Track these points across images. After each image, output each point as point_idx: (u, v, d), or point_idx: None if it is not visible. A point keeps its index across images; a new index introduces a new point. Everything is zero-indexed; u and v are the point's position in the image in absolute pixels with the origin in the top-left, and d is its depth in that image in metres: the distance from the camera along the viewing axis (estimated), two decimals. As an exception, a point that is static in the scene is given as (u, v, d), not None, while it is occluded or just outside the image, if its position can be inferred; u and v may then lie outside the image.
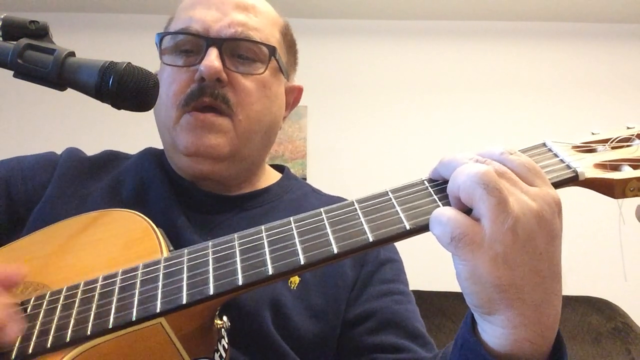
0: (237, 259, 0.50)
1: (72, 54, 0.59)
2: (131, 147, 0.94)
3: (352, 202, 0.51)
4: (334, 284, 0.76)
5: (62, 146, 0.90)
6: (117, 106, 0.59)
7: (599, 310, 2.02)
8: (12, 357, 0.49)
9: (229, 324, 0.58)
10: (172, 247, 0.58)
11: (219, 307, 0.57)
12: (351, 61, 2.65)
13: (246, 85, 0.78)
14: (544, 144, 0.54)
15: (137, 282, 0.51)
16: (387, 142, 2.56)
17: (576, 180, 0.49)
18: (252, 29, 0.79)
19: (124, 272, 0.54)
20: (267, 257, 0.49)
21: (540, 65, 2.64)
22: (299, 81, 0.94)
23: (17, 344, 0.50)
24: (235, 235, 0.53)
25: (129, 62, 0.59)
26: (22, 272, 0.53)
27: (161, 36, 0.81)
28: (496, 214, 0.43)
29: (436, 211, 0.46)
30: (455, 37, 2.67)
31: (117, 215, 0.66)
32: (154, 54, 0.83)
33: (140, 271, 0.53)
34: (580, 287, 2.05)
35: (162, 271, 0.52)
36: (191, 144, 0.76)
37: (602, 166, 0.50)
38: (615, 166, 0.49)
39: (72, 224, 0.68)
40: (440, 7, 2.58)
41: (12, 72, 0.58)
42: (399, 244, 0.87)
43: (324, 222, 0.50)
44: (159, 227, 0.61)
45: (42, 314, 0.53)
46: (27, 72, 0.57)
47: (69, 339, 0.49)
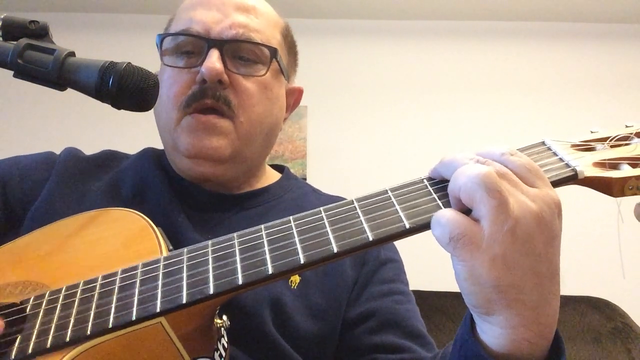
0: (237, 258, 0.50)
1: (72, 54, 0.59)
2: (131, 147, 0.94)
3: (352, 200, 0.51)
4: (334, 284, 0.76)
5: (62, 146, 0.90)
6: (117, 106, 0.59)
7: (599, 310, 2.02)
8: (12, 357, 0.49)
9: (229, 323, 0.58)
10: (171, 247, 0.58)
11: (219, 307, 0.56)
12: (351, 61, 2.65)
13: (247, 86, 0.78)
14: (543, 142, 0.54)
15: (136, 282, 0.51)
16: (387, 142, 2.56)
17: (575, 178, 0.49)
18: (253, 31, 0.79)
19: (124, 271, 0.53)
20: (267, 257, 0.49)
21: (540, 65, 2.64)
22: (299, 81, 0.94)
23: (16, 344, 0.50)
24: (234, 234, 0.53)
25: (129, 62, 0.59)
26: None
27: (162, 37, 0.81)
28: (496, 215, 0.43)
29: (436, 213, 0.46)
30: (455, 37, 2.67)
31: (116, 214, 0.66)
32: (154, 54, 0.83)
33: (139, 270, 0.53)
34: (580, 287, 2.04)
35: (161, 270, 0.52)
36: (192, 146, 0.76)
37: (601, 165, 0.50)
38: (614, 165, 0.49)
39: (71, 223, 0.68)
40: (440, 7, 2.58)
41: (12, 72, 0.58)
42: (399, 244, 0.87)
43: (323, 221, 0.50)
44: (158, 226, 0.61)
45: (41, 314, 0.53)
46: (27, 72, 0.57)
47: (68, 339, 0.49)
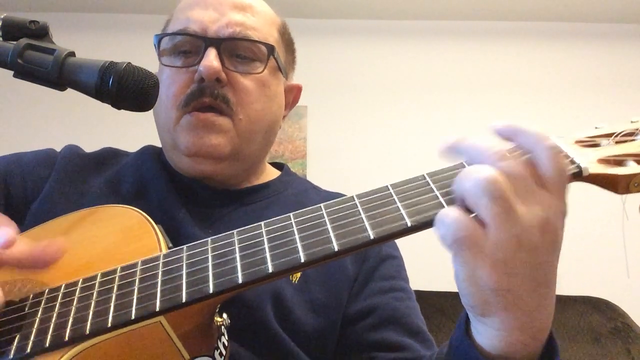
0: (237, 256, 0.49)
1: (72, 54, 0.59)
2: (131, 147, 0.94)
3: (352, 197, 0.50)
4: (335, 279, 0.77)
5: (62, 146, 0.90)
6: (117, 106, 0.59)
7: (599, 310, 2.02)
8: (11, 356, 0.49)
9: (229, 321, 0.57)
10: (170, 244, 0.58)
11: (219, 305, 0.56)
12: (351, 61, 2.65)
13: (246, 84, 0.78)
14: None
15: (135, 280, 0.51)
16: (387, 142, 2.56)
17: (580, 175, 0.48)
18: (250, 29, 0.79)
19: (123, 268, 0.53)
20: (267, 255, 0.48)
21: (540, 65, 2.64)
22: (299, 81, 0.94)
23: (15, 343, 0.50)
24: (234, 231, 0.52)
25: (129, 62, 0.59)
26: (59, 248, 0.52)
27: (159, 37, 0.81)
28: (501, 222, 0.42)
29: (441, 212, 0.45)
30: (455, 37, 2.67)
31: (116, 211, 0.66)
32: (154, 54, 0.83)
33: (139, 268, 0.52)
34: (580, 287, 2.04)
35: (161, 268, 0.51)
36: (192, 144, 0.76)
37: (606, 161, 0.48)
38: (619, 161, 0.48)
39: (70, 220, 0.68)
40: (440, 7, 2.58)
41: (12, 72, 0.58)
42: (400, 243, 0.87)
43: (324, 218, 0.49)
44: (158, 222, 0.60)
45: (40, 312, 0.52)
46: (27, 72, 0.57)
47: (67, 338, 0.48)
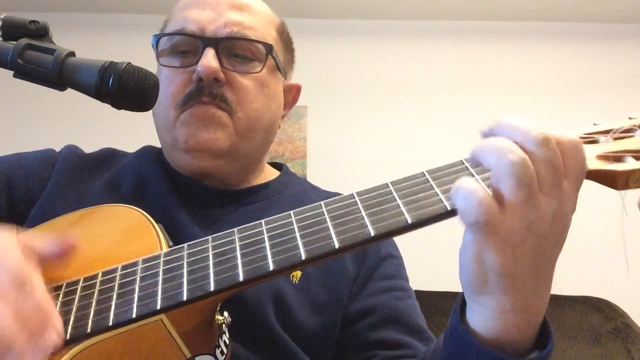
0: (238, 254, 0.50)
1: (72, 54, 0.59)
2: (131, 147, 0.94)
3: (352, 194, 0.50)
4: (335, 278, 0.77)
5: (62, 146, 0.90)
6: (117, 106, 0.60)
7: (599, 310, 2.02)
8: None
9: (230, 319, 0.58)
10: (171, 242, 0.58)
11: (220, 303, 0.56)
12: (351, 61, 2.65)
13: (244, 83, 0.78)
14: None
15: (136, 278, 0.51)
16: (387, 142, 2.56)
17: None
18: (248, 28, 0.79)
19: (124, 267, 0.53)
20: (268, 252, 0.48)
21: (540, 65, 2.64)
22: (299, 81, 0.94)
23: None
24: (235, 229, 0.52)
25: (129, 62, 0.59)
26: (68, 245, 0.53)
27: (157, 38, 0.81)
28: (521, 208, 0.43)
29: (467, 184, 0.44)
30: (455, 37, 2.67)
31: (116, 210, 0.66)
32: (154, 54, 0.83)
33: (139, 267, 0.52)
34: (580, 287, 2.04)
35: (161, 267, 0.51)
36: (190, 137, 0.76)
37: (604, 157, 0.49)
38: (618, 157, 0.49)
39: (70, 219, 0.68)
40: (440, 7, 2.58)
41: (12, 72, 0.58)
42: (399, 244, 0.87)
43: (324, 216, 0.49)
44: (158, 222, 0.61)
45: None
46: (27, 72, 0.57)
47: (68, 337, 0.48)
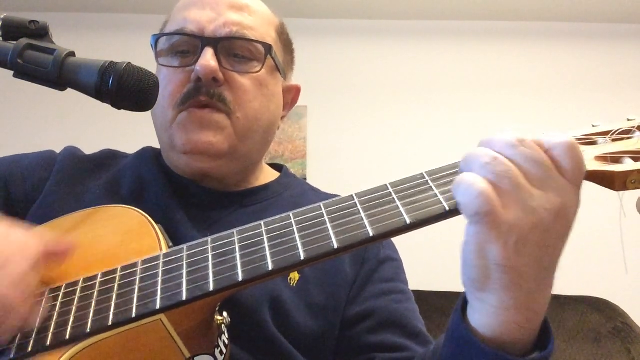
0: (237, 254, 0.50)
1: (72, 54, 0.60)
2: (131, 147, 0.94)
3: (352, 196, 0.51)
4: (333, 281, 0.77)
5: (62, 146, 0.90)
6: (117, 106, 0.60)
7: (599, 310, 2.02)
8: (12, 355, 0.50)
9: (229, 319, 0.58)
10: (171, 243, 0.58)
11: (219, 303, 0.57)
12: (351, 61, 2.65)
13: (243, 83, 0.78)
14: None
15: (136, 279, 0.51)
16: (387, 142, 2.56)
17: None
18: (247, 28, 0.79)
19: (123, 268, 0.53)
20: (267, 253, 0.49)
21: (540, 65, 2.64)
22: (299, 81, 0.94)
23: (16, 342, 0.51)
24: (234, 230, 0.53)
25: (129, 62, 0.59)
26: (69, 247, 0.53)
27: (156, 38, 0.81)
28: (516, 200, 0.43)
29: (468, 178, 0.45)
30: (455, 37, 2.67)
31: (116, 211, 0.66)
32: (154, 55, 0.83)
33: (139, 267, 0.53)
34: (580, 287, 2.04)
35: (161, 267, 0.52)
36: (188, 141, 0.76)
37: (603, 159, 0.50)
38: (616, 158, 0.49)
39: (70, 220, 0.68)
40: (440, 7, 2.58)
41: (12, 72, 0.58)
42: (399, 244, 0.87)
43: (323, 216, 0.50)
44: (157, 223, 0.61)
45: (40, 312, 0.52)
46: (27, 72, 0.58)
47: (68, 337, 0.49)
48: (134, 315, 0.48)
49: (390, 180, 0.51)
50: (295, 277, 0.74)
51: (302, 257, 0.47)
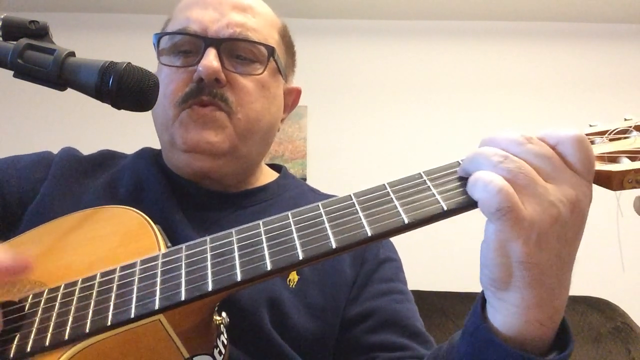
0: (236, 254, 0.50)
1: (72, 54, 0.60)
2: (131, 147, 0.94)
3: (350, 196, 0.51)
4: (332, 282, 0.77)
5: (62, 146, 0.90)
6: (117, 106, 0.60)
7: (599, 310, 2.02)
8: (11, 356, 0.50)
9: (228, 320, 0.58)
10: (169, 244, 0.58)
11: (218, 303, 0.57)
12: (351, 61, 2.65)
13: (245, 84, 0.78)
14: None
15: (135, 279, 0.51)
16: (387, 142, 2.56)
17: None
18: (250, 30, 0.79)
19: (122, 268, 0.53)
20: (266, 253, 0.49)
21: (540, 65, 2.64)
22: (299, 81, 0.94)
23: (15, 342, 0.51)
24: (233, 230, 0.53)
25: (129, 62, 0.59)
26: (28, 265, 0.51)
27: (159, 37, 0.81)
28: (533, 196, 0.44)
29: (484, 175, 0.45)
30: (455, 37, 2.67)
31: (114, 211, 0.66)
32: (154, 54, 0.83)
33: (138, 267, 0.53)
34: (580, 287, 2.04)
35: (160, 268, 0.52)
36: (189, 139, 0.76)
37: (600, 158, 0.50)
38: (613, 158, 0.49)
39: (68, 220, 0.68)
40: (440, 7, 2.58)
41: (12, 72, 0.58)
42: (399, 244, 0.87)
43: (322, 216, 0.50)
44: (156, 223, 0.61)
45: (40, 312, 0.53)
46: (27, 72, 0.58)
47: (67, 337, 0.49)
48: (132, 315, 0.48)
49: (389, 180, 0.51)
50: (294, 278, 0.74)
51: (300, 257, 0.47)
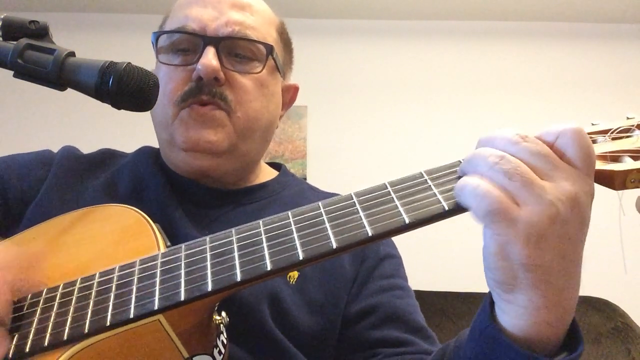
0: (235, 254, 0.49)
1: (72, 54, 0.59)
2: (131, 147, 0.94)
3: (351, 195, 0.50)
4: (333, 279, 0.77)
5: (62, 146, 0.90)
6: (117, 106, 0.60)
7: (599, 310, 2.02)
8: (10, 356, 0.49)
9: (228, 319, 0.58)
10: (169, 243, 0.58)
11: (218, 303, 0.56)
12: (351, 61, 2.65)
13: (244, 83, 0.78)
14: None
15: (134, 279, 0.51)
16: (387, 142, 2.56)
17: None
18: (249, 28, 0.79)
19: (121, 268, 0.53)
20: (266, 253, 0.48)
21: (540, 65, 2.64)
22: (299, 81, 0.95)
23: (14, 342, 0.50)
24: (233, 230, 0.52)
25: (129, 62, 0.59)
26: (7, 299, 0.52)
27: (157, 35, 0.81)
28: (528, 196, 0.43)
29: (470, 182, 0.44)
30: (455, 37, 2.67)
31: (113, 210, 0.66)
32: (154, 54, 0.83)
33: (137, 267, 0.52)
34: (580, 287, 2.04)
35: (159, 267, 0.51)
36: (189, 138, 0.76)
37: (602, 157, 0.49)
38: (615, 157, 0.49)
39: (68, 219, 0.67)
40: (440, 7, 2.58)
41: (12, 72, 0.58)
42: (399, 244, 0.87)
43: (322, 216, 0.49)
44: (155, 222, 0.60)
45: (39, 312, 0.53)
46: (27, 72, 0.57)
47: (66, 337, 0.49)
48: (132, 315, 0.48)
49: (389, 179, 0.51)
50: (294, 274, 0.74)
51: (300, 257, 0.47)
